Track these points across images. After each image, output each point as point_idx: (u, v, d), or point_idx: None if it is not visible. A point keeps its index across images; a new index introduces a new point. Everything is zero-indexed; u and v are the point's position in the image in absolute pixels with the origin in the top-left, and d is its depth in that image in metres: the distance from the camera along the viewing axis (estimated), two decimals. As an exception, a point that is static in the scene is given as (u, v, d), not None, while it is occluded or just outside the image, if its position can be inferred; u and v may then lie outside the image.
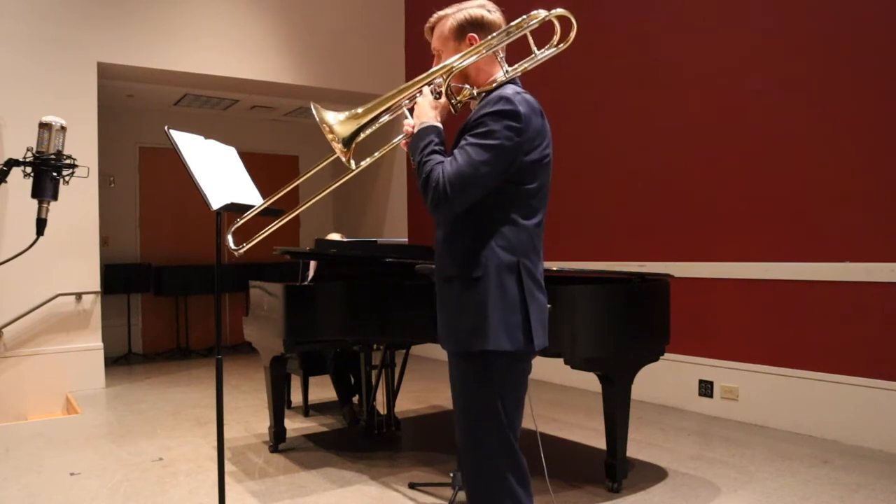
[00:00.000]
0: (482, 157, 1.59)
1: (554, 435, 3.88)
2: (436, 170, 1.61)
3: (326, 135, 1.65)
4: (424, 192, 1.63)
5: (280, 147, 8.34)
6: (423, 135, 1.68)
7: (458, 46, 1.75)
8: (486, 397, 1.66)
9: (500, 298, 1.63)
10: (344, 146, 1.66)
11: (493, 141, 1.59)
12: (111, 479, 3.23)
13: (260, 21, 6.34)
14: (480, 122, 1.62)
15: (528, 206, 1.69)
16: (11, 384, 5.10)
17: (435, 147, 1.66)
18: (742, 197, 4.14)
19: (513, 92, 1.66)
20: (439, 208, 1.62)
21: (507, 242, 1.65)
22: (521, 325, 1.64)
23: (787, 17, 3.92)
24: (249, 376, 6.00)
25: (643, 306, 3.00)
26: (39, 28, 5.26)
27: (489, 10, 1.77)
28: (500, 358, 1.65)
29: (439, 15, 1.80)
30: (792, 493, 2.92)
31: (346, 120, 1.67)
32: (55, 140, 2.18)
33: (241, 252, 1.99)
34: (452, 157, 1.62)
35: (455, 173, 1.58)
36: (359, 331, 3.35)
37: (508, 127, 1.60)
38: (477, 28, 1.74)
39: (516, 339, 1.64)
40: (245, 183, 2.69)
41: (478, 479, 1.70)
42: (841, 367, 3.67)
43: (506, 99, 1.63)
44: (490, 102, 1.65)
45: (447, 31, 1.77)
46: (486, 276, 1.64)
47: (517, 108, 1.61)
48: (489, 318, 1.62)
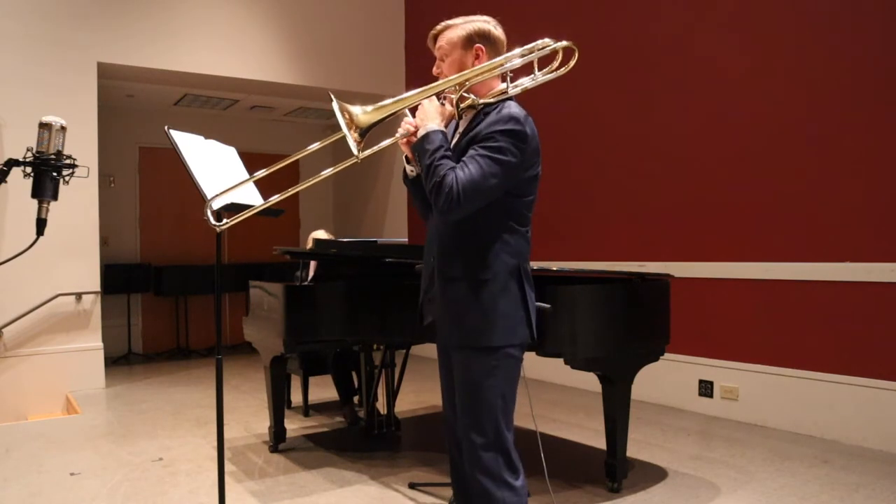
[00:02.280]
0: (493, 169, 1.74)
1: (554, 435, 3.88)
2: (449, 175, 1.73)
3: (345, 122, 1.73)
4: (437, 194, 1.74)
5: (280, 147, 8.28)
6: (433, 138, 1.79)
7: (464, 54, 1.89)
8: (491, 388, 1.83)
9: (506, 298, 1.83)
10: (360, 136, 1.76)
11: (503, 157, 1.75)
12: (111, 479, 3.23)
13: (260, 21, 6.34)
14: (492, 136, 1.77)
15: (524, 215, 1.89)
16: (11, 384, 5.09)
17: (445, 152, 1.78)
18: (742, 197, 4.14)
19: (519, 112, 1.81)
20: (450, 212, 1.76)
21: (510, 248, 1.85)
22: (523, 321, 1.85)
23: (787, 18, 3.92)
24: (249, 376, 6.00)
25: (643, 306, 3.00)
26: (39, 28, 5.26)
27: (494, 27, 1.92)
28: (505, 351, 1.83)
29: (446, 24, 1.93)
30: (792, 493, 2.92)
31: (372, 111, 1.77)
32: (55, 140, 2.18)
33: (222, 228, 2.06)
34: (463, 165, 1.75)
35: (468, 181, 1.72)
36: (359, 331, 3.35)
37: (516, 146, 1.76)
38: (484, 40, 1.89)
39: (521, 333, 1.85)
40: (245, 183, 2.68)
41: (477, 465, 1.83)
42: (841, 367, 3.67)
43: (516, 119, 1.78)
44: (502, 120, 1.78)
45: (456, 39, 1.89)
46: (494, 278, 1.82)
47: (525, 130, 1.78)
48: (498, 315, 1.82)
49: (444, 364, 2.03)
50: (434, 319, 1.97)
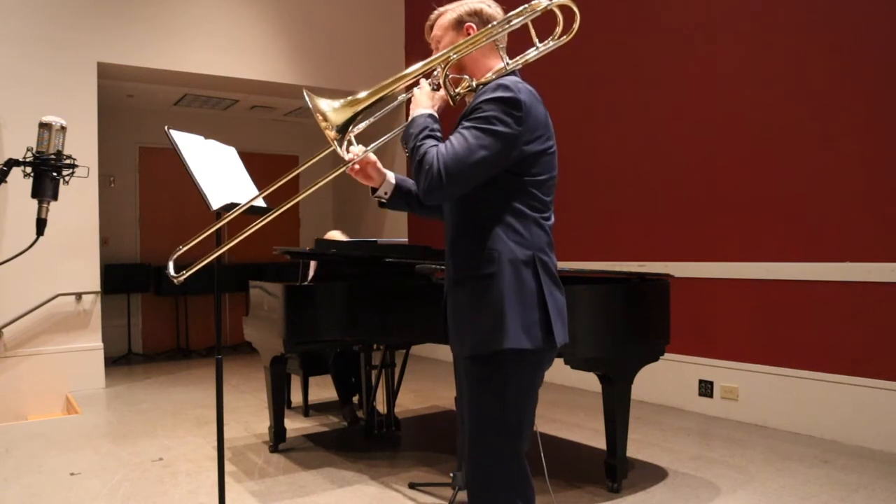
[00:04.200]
0: (481, 141, 1.53)
1: (554, 435, 3.88)
2: (430, 152, 1.55)
3: (320, 123, 1.59)
4: (417, 176, 1.57)
5: (280, 147, 8.33)
6: (418, 122, 1.64)
7: (455, 36, 1.74)
8: (497, 403, 1.61)
9: (518, 294, 1.57)
10: (338, 133, 1.59)
11: (492, 126, 1.54)
12: (111, 479, 3.23)
13: (260, 21, 6.34)
14: (478, 107, 1.58)
15: (536, 198, 1.63)
16: (11, 384, 5.09)
17: (429, 132, 1.61)
18: (742, 197, 4.14)
19: (512, 80, 1.61)
20: (433, 194, 1.55)
21: (519, 236, 1.60)
22: (539, 322, 1.58)
23: (788, 18, 3.92)
24: (249, 376, 6.00)
25: (643, 306, 3.00)
26: (39, 28, 5.26)
27: (488, 5, 1.77)
28: (516, 357, 1.58)
29: (439, 11, 1.82)
30: (792, 493, 2.92)
31: (341, 107, 1.61)
32: (55, 140, 2.17)
33: (180, 280, 1.83)
34: (448, 141, 1.57)
35: (451, 157, 1.52)
36: (359, 331, 3.35)
37: (507, 113, 1.55)
38: (475, 18, 1.74)
39: (535, 336, 1.57)
40: (245, 183, 2.69)
41: (481, 486, 1.66)
42: (841, 367, 3.67)
43: (504, 86, 1.58)
44: (489, 90, 1.60)
45: (447, 22, 1.77)
46: (500, 271, 1.57)
47: (517, 96, 1.56)
48: (506, 315, 1.55)
49: (458, 371, 1.87)
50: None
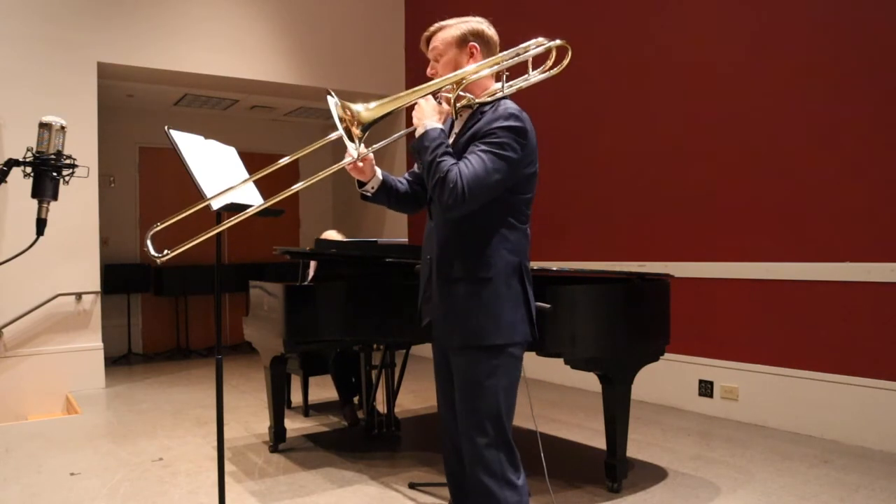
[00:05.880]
0: (497, 165, 1.74)
1: (554, 435, 3.88)
2: (453, 170, 1.72)
3: (346, 119, 1.71)
4: (440, 191, 1.73)
5: (280, 147, 8.30)
6: (433, 135, 1.78)
7: (459, 53, 1.89)
8: (493, 388, 1.82)
9: (508, 296, 1.82)
10: (363, 132, 1.75)
11: (505, 152, 1.75)
12: (111, 479, 3.23)
13: (260, 21, 6.34)
14: (493, 132, 1.76)
15: (523, 212, 1.88)
16: (11, 384, 5.10)
17: (447, 149, 1.78)
18: (742, 197, 4.14)
19: (517, 109, 1.81)
20: (454, 208, 1.74)
21: (511, 246, 1.84)
22: (525, 319, 1.85)
23: (788, 18, 3.92)
24: (249, 376, 6.00)
25: (643, 306, 3.00)
26: (39, 28, 5.26)
27: (487, 27, 1.93)
28: (507, 350, 1.83)
29: (440, 24, 1.94)
30: (792, 493, 2.92)
31: (375, 108, 1.76)
32: (55, 140, 2.17)
33: (163, 259, 1.95)
34: (467, 161, 1.74)
35: (473, 176, 1.71)
36: (359, 331, 3.35)
37: (516, 141, 1.77)
38: (478, 39, 1.90)
39: (523, 331, 1.85)
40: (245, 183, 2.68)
41: (479, 465, 1.83)
42: (841, 367, 3.67)
43: (515, 116, 1.79)
44: (502, 117, 1.79)
45: (451, 38, 1.90)
46: (496, 276, 1.81)
47: (525, 126, 1.79)
48: (501, 314, 1.81)
49: (440, 367, 2.01)
50: (432, 321, 1.95)
